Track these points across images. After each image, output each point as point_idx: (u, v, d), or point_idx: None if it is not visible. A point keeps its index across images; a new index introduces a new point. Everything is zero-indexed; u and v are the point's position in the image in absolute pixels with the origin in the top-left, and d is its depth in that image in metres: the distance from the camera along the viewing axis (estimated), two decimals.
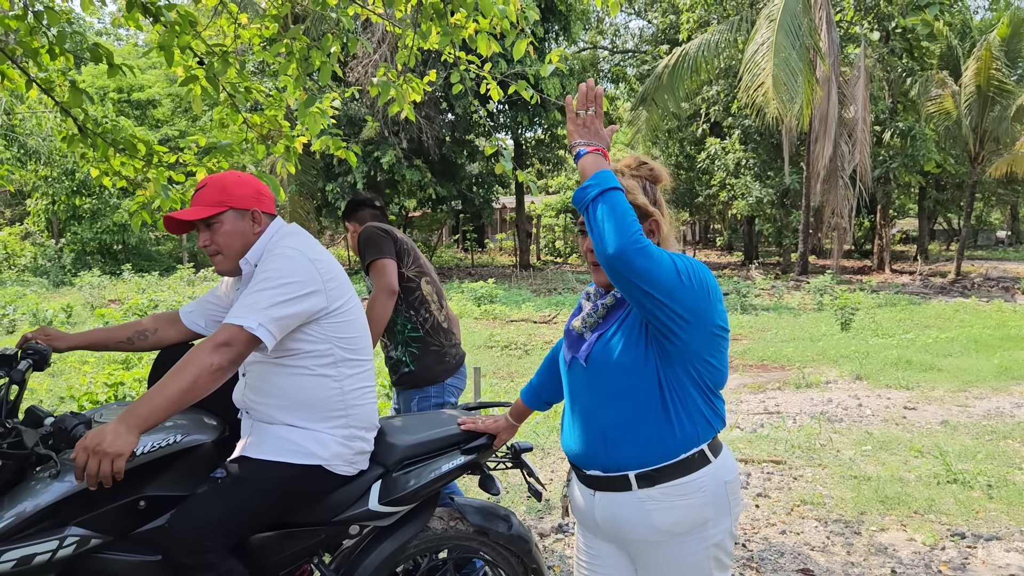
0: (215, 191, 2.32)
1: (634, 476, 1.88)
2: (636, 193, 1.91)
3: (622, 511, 1.91)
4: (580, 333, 1.97)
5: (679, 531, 1.88)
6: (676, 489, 1.87)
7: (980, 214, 38.63)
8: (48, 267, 23.82)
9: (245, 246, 2.34)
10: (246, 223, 2.34)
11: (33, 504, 2.04)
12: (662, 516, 1.87)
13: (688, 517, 1.87)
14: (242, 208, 2.34)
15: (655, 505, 1.87)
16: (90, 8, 3.84)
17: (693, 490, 1.87)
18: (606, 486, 1.93)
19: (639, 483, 1.88)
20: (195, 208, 2.31)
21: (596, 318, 1.95)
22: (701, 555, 1.90)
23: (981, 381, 8.02)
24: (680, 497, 1.87)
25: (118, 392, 6.27)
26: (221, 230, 2.32)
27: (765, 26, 17.90)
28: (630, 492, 1.89)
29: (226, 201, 2.32)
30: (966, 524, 4.21)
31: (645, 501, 1.88)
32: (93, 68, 26.73)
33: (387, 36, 17.92)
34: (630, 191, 1.91)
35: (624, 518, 1.91)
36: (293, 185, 21.30)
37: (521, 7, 3.94)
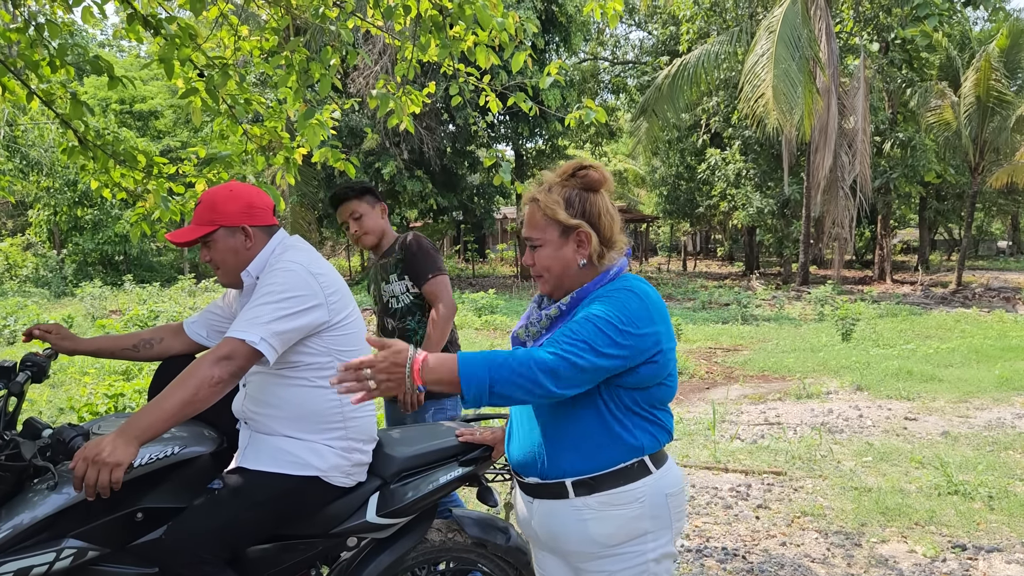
0: (205, 210, 2.33)
1: (571, 483, 1.86)
2: (556, 208, 1.87)
3: (558, 520, 1.89)
4: (523, 341, 1.97)
5: (613, 543, 1.85)
6: (613, 498, 1.84)
7: (981, 224, 38.67)
8: (49, 278, 23.84)
9: (240, 261, 2.35)
10: (237, 240, 2.34)
11: (30, 516, 2.04)
12: (598, 526, 1.85)
13: (623, 528, 1.85)
14: (231, 226, 2.33)
15: (592, 514, 1.85)
16: (91, 20, 3.86)
17: (630, 500, 1.85)
18: (544, 494, 1.91)
19: (576, 491, 1.86)
20: (189, 228, 2.34)
21: (540, 328, 1.93)
22: (639, 569, 1.86)
23: (982, 392, 8.01)
24: (617, 507, 1.84)
25: (118, 403, 6.27)
26: (215, 248, 2.34)
27: (765, 37, 17.96)
28: (567, 500, 1.87)
29: (215, 219, 2.32)
30: (967, 536, 4.19)
31: (582, 510, 1.86)
32: (95, 80, 26.83)
33: (387, 48, 17.98)
34: (548, 207, 1.87)
35: (560, 528, 1.89)
36: (294, 196, 21.34)
37: (520, 19, 3.96)
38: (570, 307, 1.89)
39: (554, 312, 1.90)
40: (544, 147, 26.63)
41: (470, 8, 3.67)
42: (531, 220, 1.91)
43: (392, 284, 3.42)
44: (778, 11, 18.11)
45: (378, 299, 3.53)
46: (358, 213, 3.40)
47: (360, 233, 3.43)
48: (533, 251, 1.92)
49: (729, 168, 25.55)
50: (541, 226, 1.90)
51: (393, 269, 3.42)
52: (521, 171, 26.24)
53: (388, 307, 3.46)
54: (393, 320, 3.45)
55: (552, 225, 1.89)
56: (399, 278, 3.40)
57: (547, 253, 1.90)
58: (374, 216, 3.43)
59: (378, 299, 3.53)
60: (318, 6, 3.95)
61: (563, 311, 1.90)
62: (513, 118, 23.27)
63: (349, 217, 3.42)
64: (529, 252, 1.93)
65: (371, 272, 3.62)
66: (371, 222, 3.43)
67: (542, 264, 1.91)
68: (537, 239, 1.91)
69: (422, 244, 3.40)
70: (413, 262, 3.36)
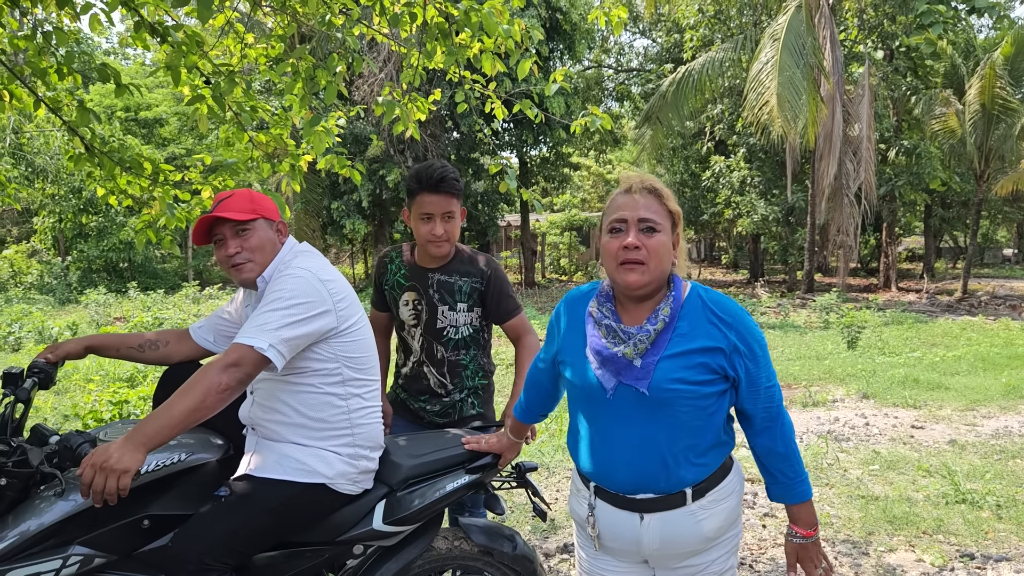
0: (245, 200, 2.35)
1: (691, 491, 1.92)
2: (672, 199, 1.95)
3: (676, 528, 1.93)
4: (631, 360, 1.88)
5: (720, 535, 1.97)
6: (719, 494, 1.96)
7: (986, 232, 38.56)
8: (54, 285, 23.89)
9: (271, 255, 2.37)
10: (273, 234, 2.39)
11: (37, 523, 2.04)
12: (711, 523, 1.95)
13: (728, 518, 1.98)
14: (271, 219, 2.39)
15: (705, 514, 1.94)
16: (98, 28, 3.88)
17: (729, 492, 1.98)
18: (659, 507, 1.93)
19: (694, 497, 1.93)
20: (231, 212, 2.32)
21: (647, 344, 1.87)
22: (731, 551, 2.03)
23: (989, 400, 7.97)
24: (722, 501, 1.96)
25: (123, 410, 6.28)
26: (254, 237, 2.33)
27: (769, 45, 17.96)
28: (684, 508, 1.93)
29: (257, 210, 2.36)
30: (975, 545, 4.17)
31: (696, 512, 1.93)
32: (101, 87, 26.95)
33: (392, 56, 18.02)
34: (668, 197, 1.94)
35: (678, 535, 1.94)
36: (299, 203, 21.37)
37: (525, 27, 3.96)
38: (672, 319, 1.89)
39: (660, 326, 1.87)
40: (548, 154, 26.64)
41: (476, 15, 3.68)
42: (651, 206, 1.90)
43: (458, 313, 2.95)
44: (782, 19, 18.11)
45: (421, 319, 2.98)
46: (453, 213, 2.84)
47: (444, 238, 2.84)
48: (648, 235, 1.87)
49: (733, 176, 25.53)
50: (662, 214, 1.91)
51: (465, 297, 2.94)
52: (525, 178, 26.26)
53: (442, 334, 2.96)
54: (445, 349, 2.98)
55: (667, 217, 1.92)
56: (469, 309, 2.96)
57: (662, 240, 1.89)
58: (459, 221, 2.89)
59: (421, 319, 2.98)
60: (324, 13, 3.96)
61: (667, 323, 1.89)
62: (517, 125, 23.29)
63: (439, 213, 2.81)
64: (637, 236, 1.87)
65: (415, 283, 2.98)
66: (456, 229, 2.89)
67: (654, 249, 1.87)
68: (659, 223, 1.89)
69: (503, 274, 2.99)
70: (495, 294, 2.96)
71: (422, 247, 2.92)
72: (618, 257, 1.89)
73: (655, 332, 1.87)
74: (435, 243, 2.84)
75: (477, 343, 3.05)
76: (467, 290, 2.93)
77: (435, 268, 2.95)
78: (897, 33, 22.35)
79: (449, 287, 2.93)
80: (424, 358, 3.00)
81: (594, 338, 1.95)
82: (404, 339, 3.06)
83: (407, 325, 3.01)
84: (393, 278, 3.02)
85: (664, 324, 1.88)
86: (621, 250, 1.88)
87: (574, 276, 32.65)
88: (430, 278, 2.94)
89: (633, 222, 1.88)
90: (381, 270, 3.09)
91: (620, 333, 1.90)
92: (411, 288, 2.97)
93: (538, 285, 27.92)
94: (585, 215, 32.47)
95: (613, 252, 1.90)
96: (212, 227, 2.35)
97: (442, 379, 2.99)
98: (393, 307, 3.04)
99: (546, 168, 27.75)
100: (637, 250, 1.86)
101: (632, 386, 1.87)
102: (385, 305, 3.11)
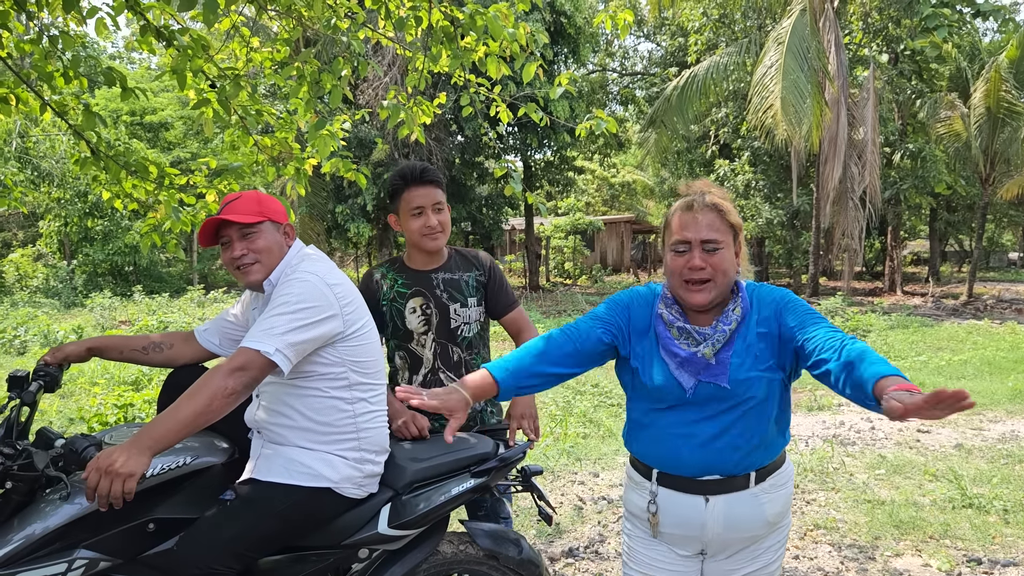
0: (252, 202, 2.35)
1: (755, 474, 2.00)
2: (734, 212, 2.00)
3: (740, 509, 2.00)
4: (709, 359, 1.96)
5: (778, 520, 2.05)
6: (779, 479, 2.05)
7: (992, 235, 38.49)
8: (60, 288, 23.94)
9: (277, 258, 2.36)
10: (280, 236, 2.39)
11: (43, 526, 2.04)
12: (772, 507, 2.02)
13: (785, 504, 2.06)
14: (278, 221, 2.39)
15: (767, 498, 2.02)
16: (104, 32, 3.88)
17: (787, 478, 2.08)
18: (724, 489, 2.00)
19: (756, 480, 2.00)
20: (237, 215, 2.31)
21: (722, 342, 1.97)
22: (784, 539, 2.11)
23: (995, 404, 7.94)
24: (781, 487, 2.05)
25: (128, 413, 6.29)
26: (260, 239, 2.33)
27: (773, 49, 17.96)
28: (747, 490, 2.00)
29: (264, 212, 2.35)
30: (982, 549, 4.15)
31: (759, 495, 2.01)
32: (107, 91, 27.01)
33: (397, 59, 18.05)
34: (730, 211, 1.98)
35: (742, 516, 2.00)
36: (303, 207, 21.40)
37: (530, 30, 3.96)
38: (743, 318, 1.99)
39: (734, 325, 1.96)
40: (553, 158, 26.65)
41: (481, 19, 3.69)
42: (713, 224, 1.93)
43: (470, 308, 2.89)
44: (786, 23, 18.10)
45: (432, 323, 2.88)
46: (441, 204, 2.83)
47: (438, 229, 2.80)
48: (711, 254, 1.93)
49: (738, 179, 25.50)
50: (723, 230, 1.95)
51: (473, 291, 2.90)
52: (530, 182, 26.25)
53: (457, 334, 2.89)
54: (460, 350, 2.90)
55: (728, 231, 1.96)
56: (478, 303, 2.92)
57: (726, 256, 1.95)
58: (449, 216, 2.87)
59: (432, 323, 2.88)
60: (329, 17, 3.97)
61: (739, 322, 1.98)
62: (522, 129, 23.30)
63: (429, 205, 2.79)
64: (702, 256, 1.92)
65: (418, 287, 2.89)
66: (448, 220, 2.86)
67: (719, 267, 1.93)
68: (721, 241, 1.94)
69: (499, 267, 3.01)
70: (496, 287, 2.95)
71: (416, 245, 2.85)
72: (683, 275, 1.95)
73: (729, 332, 1.96)
74: (430, 235, 2.80)
75: (483, 342, 3.00)
76: (473, 284, 2.90)
77: (436, 268, 2.89)
78: (902, 36, 22.32)
79: (456, 284, 2.88)
80: (439, 365, 2.88)
81: (668, 340, 2.00)
82: (411, 352, 2.90)
83: (416, 334, 2.88)
84: (392, 291, 2.89)
85: (736, 324, 1.97)
86: (686, 270, 1.94)
87: (578, 280, 32.64)
88: (433, 279, 2.87)
89: (696, 243, 1.93)
90: (372, 288, 2.93)
91: (695, 334, 1.96)
92: (415, 294, 2.87)
93: (542, 289, 27.90)
94: (589, 219, 32.44)
95: (678, 271, 1.96)
96: (219, 229, 2.35)
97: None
98: (396, 320, 2.89)
99: (550, 172, 27.74)
100: (702, 270, 1.92)
101: (712, 383, 1.95)
102: (381, 325, 2.90)
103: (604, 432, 6.65)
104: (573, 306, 20.43)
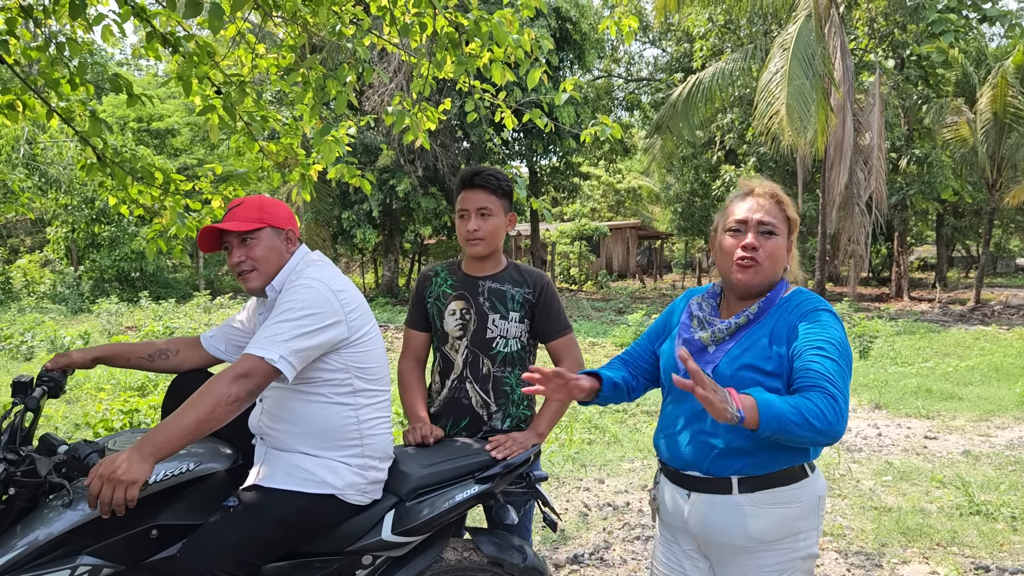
0: (253, 208, 2.35)
1: (737, 480, 1.93)
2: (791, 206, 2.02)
3: (717, 514, 1.96)
4: (705, 345, 2.01)
5: (770, 539, 1.93)
6: (776, 496, 1.93)
7: (999, 241, 38.36)
8: (67, 294, 23.99)
9: (279, 265, 2.36)
10: (282, 242, 2.38)
11: (46, 533, 2.03)
12: (758, 522, 1.92)
13: (782, 526, 1.93)
14: (279, 227, 2.38)
15: (753, 510, 1.93)
16: (111, 39, 3.90)
17: (791, 499, 1.94)
18: (705, 488, 1.98)
19: (740, 487, 1.93)
20: (235, 222, 2.32)
21: (725, 334, 1.99)
22: (787, 566, 1.94)
23: (1003, 410, 7.90)
24: (779, 505, 1.93)
25: (134, 419, 6.29)
26: (258, 246, 2.33)
27: (778, 55, 17.94)
28: (729, 496, 1.94)
29: (264, 218, 2.35)
30: (990, 557, 4.12)
31: (744, 506, 1.93)
32: (113, 98, 27.16)
33: (402, 65, 18.09)
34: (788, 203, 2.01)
35: (717, 522, 1.96)
36: (309, 213, 21.44)
37: (535, 37, 3.97)
38: (758, 316, 1.98)
39: (743, 321, 1.98)
40: (558, 164, 26.68)
41: (486, 25, 3.69)
42: (771, 211, 1.99)
43: (509, 322, 2.80)
44: (792, 28, 18.09)
45: (468, 329, 2.82)
46: (489, 210, 2.76)
47: (478, 236, 2.74)
48: (767, 237, 1.97)
49: None
50: (780, 218, 2.00)
51: (517, 307, 2.80)
52: (535, 188, 26.28)
53: (491, 345, 2.80)
54: (492, 363, 2.80)
55: (784, 222, 2.00)
56: (520, 320, 2.81)
57: (779, 243, 1.98)
58: (501, 224, 2.79)
59: (468, 329, 2.82)
60: (335, 24, 3.98)
61: (752, 319, 1.98)
62: (527, 135, 23.33)
63: (474, 209, 2.75)
64: (756, 237, 1.96)
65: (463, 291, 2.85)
66: (496, 228, 2.77)
67: (768, 252, 1.96)
68: (778, 227, 1.98)
69: (555, 291, 2.89)
70: (546, 309, 2.83)
71: (464, 250, 2.84)
72: (735, 255, 1.97)
73: (736, 325, 1.97)
74: (471, 240, 2.76)
75: (523, 362, 2.85)
76: (519, 299, 2.81)
77: (486, 276, 2.84)
78: (908, 42, 22.29)
79: (501, 295, 2.81)
80: (467, 373, 2.82)
81: (684, 326, 2.08)
82: (445, 354, 2.86)
83: (451, 338, 2.84)
84: (438, 289, 2.87)
85: (748, 320, 1.97)
86: (739, 249, 1.97)
87: (584, 286, 32.63)
88: (480, 286, 2.82)
89: (753, 224, 1.97)
90: (424, 284, 2.94)
91: (706, 322, 2.02)
92: (459, 297, 2.84)
93: None
94: (595, 224, 32.44)
95: (730, 250, 1.99)
96: (222, 234, 2.36)
97: (485, 398, 2.80)
98: (437, 320, 2.86)
99: (556, 177, 27.76)
100: (755, 250, 1.95)
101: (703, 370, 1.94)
102: (424, 323, 2.92)
103: (610, 438, 6.63)
104: (579, 312, 20.41)
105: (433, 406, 2.89)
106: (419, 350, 2.97)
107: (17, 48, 3.82)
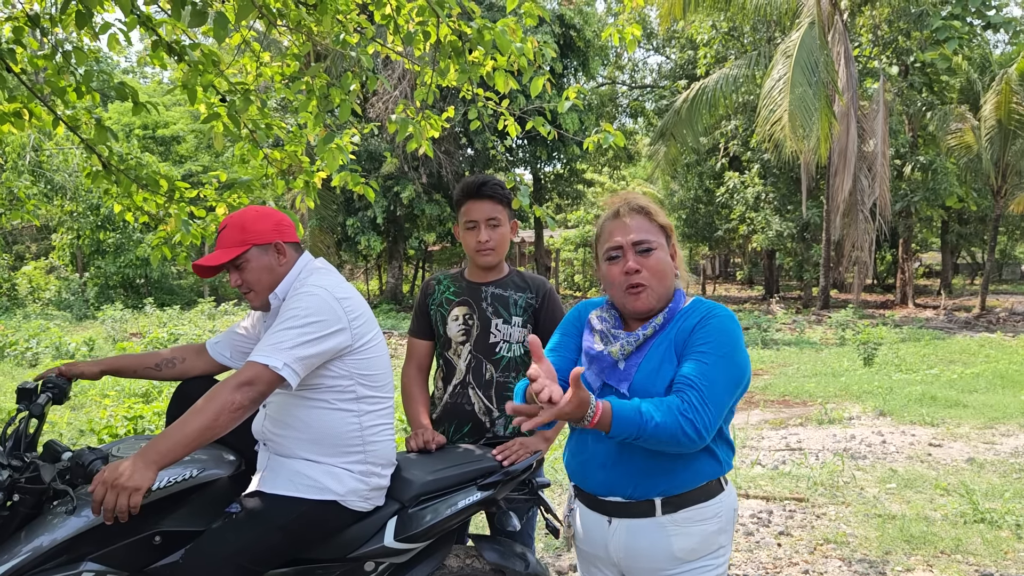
0: (236, 231, 2.34)
1: (660, 501, 1.88)
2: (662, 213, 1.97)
3: (641, 538, 1.90)
4: (616, 360, 1.92)
5: (693, 557, 1.89)
6: (697, 513, 1.89)
7: (1004, 248, 38.26)
8: (72, 301, 24.05)
9: (274, 279, 2.36)
10: (271, 257, 2.37)
11: (49, 539, 2.04)
12: (681, 541, 1.88)
13: (704, 543, 1.89)
14: (264, 243, 2.36)
15: (677, 530, 1.88)
16: (116, 48, 3.92)
17: (711, 515, 1.90)
18: (626, 513, 1.91)
19: (664, 508, 1.88)
20: (219, 252, 2.33)
21: (633, 346, 1.92)
22: None
23: (1008, 418, 7.88)
24: (700, 522, 1.89)
25: (138, 425, 6.30)
26: (248, 268, 2.34)
27: (781, 62, 17.97)
28: (652, 518, 1.88)
29: (247, 239, 2.33)
30: (994, 565, 4.11)
31: (667, 526, 1.88)
32: (119, 106, 27.23)
33: (406, 73, 18.14)
34: (657, 212, 1.96)
35: (642, 546, 1.90)
36: (313, 220, 21.50)
37: (539, 44, 3.98)
38: (663, 325, 1.92)
39: (650, 331, 1.91)
40: (562, 171, 26.71)
41: (489, 33, 3.70)
42: (642, 226, 1.93)
43: (512, 327, 2.81)
44: (795, 35, 18.13)
45: (472, 334, 2.84)
46: (498, 220, 2.78)
47: (489, 246, 2.77)
48: (646, 255, 1.91)
49: (748, 191, 25.49)
50: (653, 231, 1.94)
51: (520, 312, 2.82)
52: (539, 195, 26.31)
53: (494, 350, 2.81)
54: (495, 369, 2.81)
55: (660, 232, 1.95)
56: (523, 324, 2.83)
57: (660, 256, 1.93)
58: (507, 232, 2.83)
59: (472, 334, 2.84)
60: (339, 32, 4.00)
61: (658, 329, 1.92)
62: (531, 142, 23.38)
63: (483, 220, 2.77)
64: (636, 259, 1.91)
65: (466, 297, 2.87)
66: (504, 237, 2.81)
67: (654, 269, 1.91)
68: (653, 241, 1.92)
69: (558, 298, 2.92)
70: (549, 314, 2.83)
71: (472, 260, 2.87)
72: (622, 284, 1.92)
73: (643, 337, 1.91)
74: (482, 251, 2.78)
75: (526, 368, 2.80)
76: (523, 304, 2.83)
77: (489, 282, 2.86)
78: (912, 49, 22.30)
79: (504, 300, 2.83)
80: (470, 379, 2.82)
81: (588, 342, 1.99)
82: (448, 360, 2.88)
83: (454, 343, 2.85)
84: (441, 296, 2.90)
85: (654, 330, 1.91)
86: (623, 276, 1.91)
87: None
88: (483, 291, 2.85)
89: (628, 246, 1.91)
90: (428, 291, 2.96)
91: (611, 336, 1.94)
92: (462, 303, 2.86)
93: None
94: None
95: (616, 279, 1.93)
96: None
97: (488, 404, 2.80)
98: (440, 326, 2.88)
99: (560, 184, 27.80)
100: (639, 273, 1.89)
101: (614, 387, 1.90)
102: (428, 331, 2.94)
103: None
104: None
105: (435, 412, 2.91)
106: (422, 358, 2.99)
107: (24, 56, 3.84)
